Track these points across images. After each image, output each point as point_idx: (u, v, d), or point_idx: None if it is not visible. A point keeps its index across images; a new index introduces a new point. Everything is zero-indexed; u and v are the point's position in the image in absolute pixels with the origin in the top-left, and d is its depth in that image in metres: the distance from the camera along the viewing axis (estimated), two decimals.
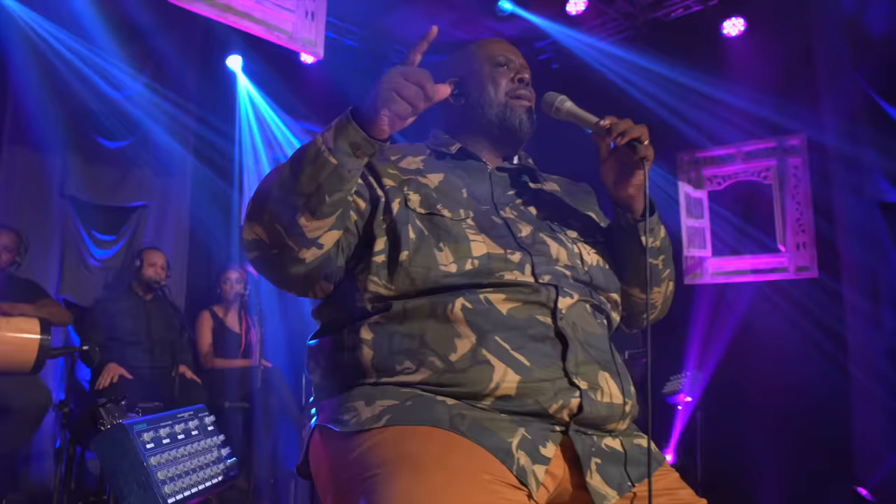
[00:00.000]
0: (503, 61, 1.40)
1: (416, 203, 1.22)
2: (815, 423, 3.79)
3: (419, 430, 1.04)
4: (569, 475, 1.15)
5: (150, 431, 1.26)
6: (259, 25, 3.05)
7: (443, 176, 1.29)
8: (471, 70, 1.40)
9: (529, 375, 1.11)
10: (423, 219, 1.21)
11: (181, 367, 3.74)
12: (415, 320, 1.14)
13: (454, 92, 1.38)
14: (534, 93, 1.42)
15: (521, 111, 1.38)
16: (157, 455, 1.19)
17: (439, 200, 1.23)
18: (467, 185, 1.30)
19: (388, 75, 1.05)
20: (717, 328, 4.33)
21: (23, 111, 3.92)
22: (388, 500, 0.92)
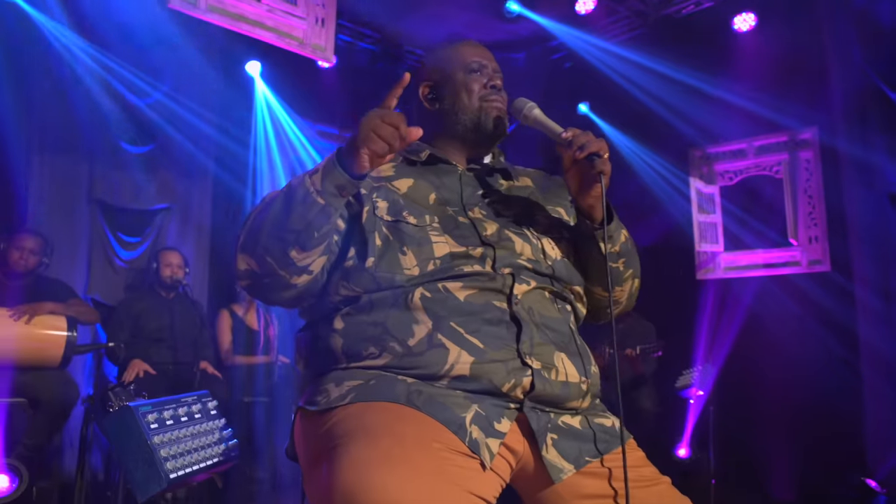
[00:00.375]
0: (476, 67, 1.45)
1: (384, 210, 1.30)
2: (826, 416, 3.79)
3: (378, 405, 1.13)
4: (529, 450, 1.23)
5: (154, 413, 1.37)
6: (271, 33, 3.17)
7: (412, 181, 1.37)
8: (445, 75, 1.46)
9: (482, 357, 1.19)
10: (389, 226, 1.29)
11: (202, 363, 3.87)
12: (379, 310, 1.23)
13: (429, 96, 1.46)
14: (506, 97, 1.47)
15: (493, 117, 1.44)
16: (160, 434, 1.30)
17: (406, 207, 1.31)
18: (437, 189, 1.37)
19: (367, 118, 1.15)
20: (729, 323, 4.34)
21: (51, 120, 4.12)
22: (343, 464, 1.01)
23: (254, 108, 4.82)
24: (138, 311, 3.87)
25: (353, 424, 1.10)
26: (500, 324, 1.23)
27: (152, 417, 1.34)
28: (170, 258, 3.97)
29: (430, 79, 1.48)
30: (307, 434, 1.21)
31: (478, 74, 1.45)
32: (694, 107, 4.63)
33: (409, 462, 1.03)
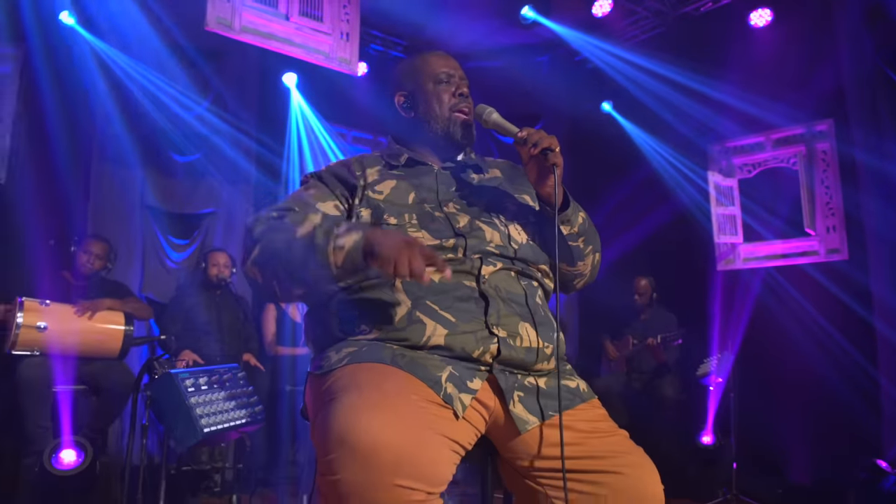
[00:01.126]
0: (444, 78, 1.65)
1: (367, 218, 1.53)
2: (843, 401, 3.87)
3: (368, 365, 1.37)
4: (500, 405, 1.45)
5: (191, 378, 1.64)
6: (299, 49, 3.46)
7: (394, 183, 1.59)
8: (417, 85, 1.66)
9: (455, 329, 1.41)
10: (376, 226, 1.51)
11: (246, 356, 4.18)
12: (367, 294, 1.47)
13: (404, 105, 1.68)
14: (472, 103, 1.68)
15: (461, 123, 1.64)
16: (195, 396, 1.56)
17: (386, 210, 1.53)
18: (416, 189, 1.59)
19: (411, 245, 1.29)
20: (749, 312, 4.44)
21: (107, 134, 4.52)
22: (337, 411, 1.25)
23: (290, 118, 5.14)
24: (188, 307, 4.20)
25: (347, 381, 1.34)
26: (469, 300, 1.45)
27: (189, 382, 1.61)
28: (217, 258, 4.31)
29: (404, 88, 1.68)
30: (313, 393, 1.46)
31: (446, 84, 1.64)
32: (712, 102, 4.76)
33: (391, 409, 1.26)
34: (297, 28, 3.41)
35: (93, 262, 3.90)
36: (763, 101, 4.53)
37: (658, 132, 5.08)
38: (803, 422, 4.05)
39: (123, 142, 4.55)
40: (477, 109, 1.63)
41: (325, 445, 1.22)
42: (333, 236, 1.34)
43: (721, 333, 4.47)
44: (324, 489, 1.23)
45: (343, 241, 1.33)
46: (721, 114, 4.71)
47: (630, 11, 5.11)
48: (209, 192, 4.92)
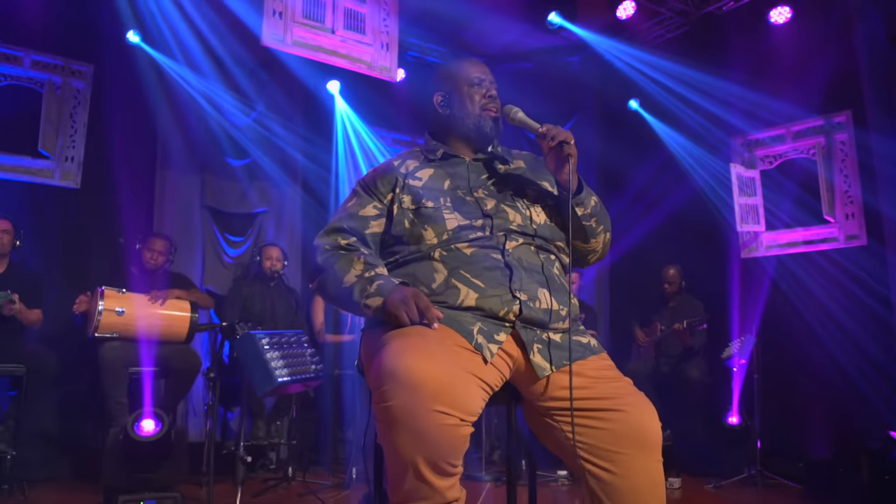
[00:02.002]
0: (477, 81, 1.93)
1: (408, 203, 1.84)
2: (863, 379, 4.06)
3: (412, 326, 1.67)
4: (521, 355, 1.75)
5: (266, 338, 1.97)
6: (344, 59, 3.80)
7: (431, 171, 1.90)
8: (453, 87, 1.94)
9: (484, 293, 1.72)
10: (412, 212, 1.83)
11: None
12: (410, 266, 1.79)
13: (441, 103, 1.98)
14: (499, 103, 1.97)
15: (490, 120, 1.94)
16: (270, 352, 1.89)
17: (424, 195, 1.84)
18: (450, 177, 1.89)
19: (411, 300, 1.64)
20: (772, 297, 4.64)
21: (170, 141, 4.95)
22: (386, 354, 1.55)
23: (334, 122, 5.51)
24: (245, 297, 4.60)
25: (395, 332, 1.64)
26: (495, 270, 1.74)
27: (265, 341, 1.94)
28: (271, 252, 4.69)
29: (442, 89, 1.96)
30: (367, 344, 1.78)
31: (478, 87, 1.93)
32: (734, 97, 4.97)
33: (431, 351, 1.56)
34: (342, 40, 3.75)
35: (156, 258, 4.31)
36: (783, 95, 4.73)
37: (682, 127, 5.30)
38: (823, 400, 4.24)
39: (183, 148, 4.98)
40: (504, 109, 1.93)
41: (379, 380, 1.53)
42: (364, 296, 1.70)
43: (744, 318, 4.67)
44: (379, 415, 1.54)
45: (370, 301, 1.69)
46: (742, 108, 4.92)
47: (654, 13, 5.34)
48: (261, 192, 5.32)
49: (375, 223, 1.86)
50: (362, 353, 1.84)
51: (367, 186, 1.92)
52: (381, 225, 1.86)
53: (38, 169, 4.57)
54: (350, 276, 1.74)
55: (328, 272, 1.79)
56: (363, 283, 1.71)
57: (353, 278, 1.73)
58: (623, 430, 1.69)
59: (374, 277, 1.72)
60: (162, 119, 4.93)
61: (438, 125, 2.00)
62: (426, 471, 1.51)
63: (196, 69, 4.90)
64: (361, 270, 1.74)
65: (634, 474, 1.68)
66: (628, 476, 1.68)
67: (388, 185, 1.89)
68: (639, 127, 5.69)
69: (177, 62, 4.83)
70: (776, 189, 4.80)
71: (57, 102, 4.65)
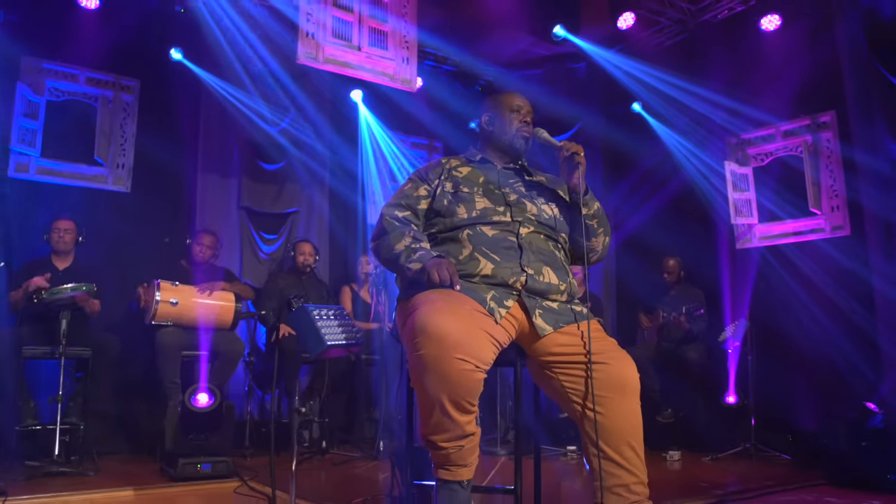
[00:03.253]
0: (516, 108, 2.43)
1: (449, 187, 2.33)
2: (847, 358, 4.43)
3: (438, 289, 2.11)
4: (525, 319, 2.17)
5: (316, 310, 2.40)
6: (368, 73, 4.25)
7: (470, 168, 2.39)
8: (497, 112, 2.45)
9: (498, 265, 2.16)
10: (451, 195, 2.30)
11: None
12: (446, 244, 2.24)
13: (486, 122, 2.46)
14: (532, 127, 2.44)
15: (522, 139, 2.42)
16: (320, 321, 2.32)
17: (461, 183, 2.33)
18: (485, 174, 2.38)
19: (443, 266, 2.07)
20: (765, 284, 5.02)
21: (209, 148, 5.43)
22: (416, 316, 1.97)
23: (358, 128, 5.96)
24: (280, 288, 5.05)
25: (424, 298, 2.07)
26: (510, 249, 2.19)
27: (315, 312, 2.37)
28: (303, 248, 5.15)
29: (488, 112, 2.48)
30: (401, 311, 2.22)
31: (517, 113, 2.43)
32: (729, 99, 5.36)
33: (453, 312, 1.99)
34: (367, 56, 4.20)
35: (204, 252, 4.78)
36: (773, 97, 5.11)
37: (679, 128, 5.69)
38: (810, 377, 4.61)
39: (222, 154, 5.46)
40: (534, 130, 2.40)
41: (413, 334, 1.97)
42: (409, 261, 2.18)
43: (738, 304, 5.05)
44: (412, 362, 1.98)
45: (412, 265, 2.16)
46: (735, 109, 5.30)
47: (653, 21, 5.74)
48: (292, 194, 5.80)
49: (424, 201, 2.36)
50: (396, 318, 2.28)
51: (420, 175, 2.44)
52: (428, 203, 2.36)
53: (93, 175, 5.07)
54: (400, 245, 2.22)
55: (385, 238, 2.28)
56: (409, 251, 2.19)
57: (402, 247, 2.21)
58: (607, 378, 2.12)
59: (417, 248, 2.19)
60: (202, 127, 5.41)
61: (483, 138, 2.50)
62: (449, 407, 1.94)
63: (232, 82, 5.38)
64: (409, 242, 2.22)
65: (617, 414, 2.11)
66: (612, 416, 2.10)
67: (436, 174, 2.40)
68: (640, 128, 6.08)
69: (215, 76, 5.31)
70: (768, 184, 5.18)
71: (109, 115, 5.14)
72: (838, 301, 4.59)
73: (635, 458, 2.10)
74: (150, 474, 3.82)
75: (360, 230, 5.79)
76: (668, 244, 5.54)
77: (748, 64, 5.25)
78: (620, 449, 2.08)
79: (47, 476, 3.63)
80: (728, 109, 5.34)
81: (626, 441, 2.09)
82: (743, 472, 4.24)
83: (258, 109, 5.49)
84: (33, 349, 4.06)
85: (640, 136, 5.98)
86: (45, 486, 3.39)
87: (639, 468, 2.10)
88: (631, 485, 2.08)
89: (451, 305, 2.02)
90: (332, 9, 4.06)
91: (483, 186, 2.33)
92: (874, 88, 4.49)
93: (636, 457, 2.10)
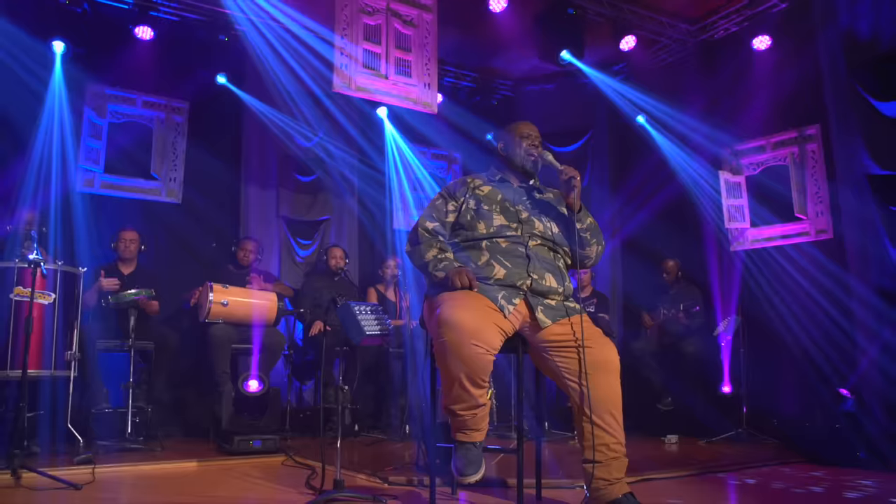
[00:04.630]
0: (526, 135, 2.95)
1: (472, 204, 2.85)
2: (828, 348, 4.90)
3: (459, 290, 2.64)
4: (529, 314, 2.71)
5: (357, 307, 2.96)
6: (395, 98, 4.80)
7: (490, 188, 2.91)
8: (510, 138, 2.97)
9: (510, 271, 2.69)
10: (473, 211, 2.83)
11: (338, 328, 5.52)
12: (467, 250, 2.78)
13: (501, 147, 2.99)
14: (539, 151, 2.94)
15: (532, 162, 2.93)
16: (360, 315, 2.88)
17: (483, 202, 2.85)
18: (503, 192, 2.89)
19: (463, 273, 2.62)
20: (755, 283, 5.49)
21: (252, 161, 6.03)
22: (442, 309, 2.52)
23: (385, 141, 6.54)
24: (315, 289, 5.63)
25: (446, 296, 2.61)
26: (519, 258, 2.72)
27: (356, 308, 2.93)
28: (335, 252, 5.73)
29: (503, 140, 3.00)
30: (428, 306, 2.76)
31: (527, 139, 2.95)
32: (724, 112, 5.84)
33: (469, 308, 2.52)
34: (393, 84, 4.75)
35: (248, 256, 5.38)
36: (764, 111, 5.57)
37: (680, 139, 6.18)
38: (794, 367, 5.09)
39: (262, 168, 6.06)
40: (542, 153, 2.92)
41: (437, 325, 2.51)
42: (436, 269, 2.73)
43: (734, 300, 5.53)
44: (437, 347, 2.53)
45: (438, 273, 2.71)
46: (730, 122, 5.78)
47: (653, 41, 6.23)
48: (325, 203, 6.39)
49: (451, 215, 2.89)
50: (424, 311, 2.82)
51: (449, 191, 2.96)
52: (455, 216, 2.89)
53: (149, 188, 5.69)
54: (429, 254, 2.78)
55: (418, 247, 2.84)
56: (436, 261, 2.75)
57: (431, 256, 2.77)
58: (592, 360, 2.64)
59: (443, 259, 2.75)
60: (244, 144, 6.01)
61: (499, 162, 3.02)
62: (466, 383, 2.49)
63: (271, 102, 5.97)
64: (437, 253, 2.77)
65: (600, 388, 2.63)
66: (596, 389, 2.62)
67: (461, 192, 2.93)
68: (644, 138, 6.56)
69: (255, 97, 5.91)
70: (759, 192, 5.65)
71: (162, 134, 5.76)
72: (820, 299, 5.05)
73: (615, 424, 2.62)
74: (208, 450, 4.42)
75: (388, 236, 6.37)
76: (668, 246, 6.03)
77: (742, 80, 5.72)
78: (603, 416, 2.60)
79: (122, 451, 4.23)
80: (722, 122, 5.81)
81: (607, 410, 2.61)
82: (732, 453, 4.71)
83: (294, 126, 6.07)
84: (106, 342, 4.67)
85: (644, 145, 6.47)
86: (123, 459, 3.99)
87: (618, 432, 2.62)
88: (611, 444, 2.60)
89: (468, 303, 2.56)
90: (363, 43, 4.62)
91: (500, 204, 2.85)
92: (852, 105, 4.94)
93: (616, 422, 2.62)
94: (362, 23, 4.65)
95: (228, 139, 5.96)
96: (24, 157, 4.99)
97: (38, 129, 5.09)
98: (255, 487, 3.37)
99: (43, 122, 5.10)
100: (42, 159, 5.05)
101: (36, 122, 5.11)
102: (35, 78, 5.11)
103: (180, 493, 3.21)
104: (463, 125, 6.91)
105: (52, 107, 5.17)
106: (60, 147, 5.20)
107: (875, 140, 4.78)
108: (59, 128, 5.19)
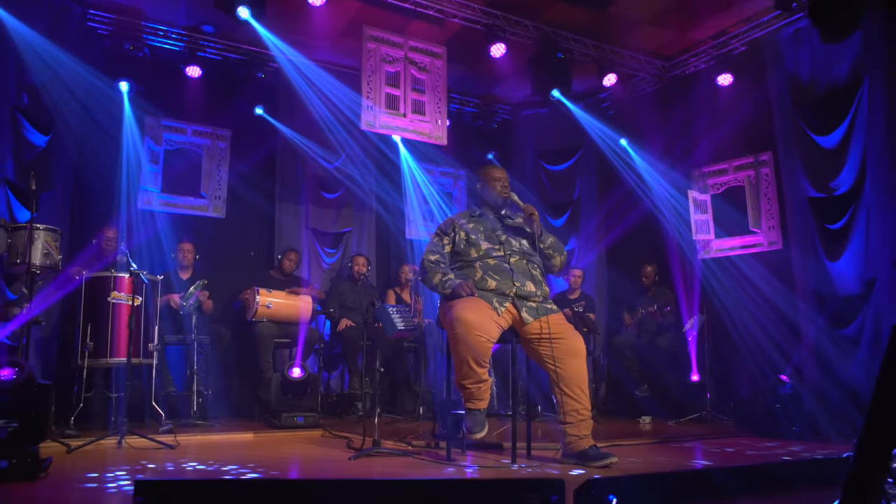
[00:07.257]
0: (497, 178, 3.90)
1: (462, 236, 3.80)
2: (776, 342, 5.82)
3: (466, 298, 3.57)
4: (517, 313, 3.64)
5: (391, 308, 3.92)
6: (411, 133, 5.75)
7: (474, 223, 3.84)
8: (485, 182, 3.92)
9: (499, 282, 3.63)
10: (464, 240, 3.77)
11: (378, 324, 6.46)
12: (465, 269, 3.71)
13: (479, 188, 3.92)
14: (508, 190, 3.88)
15: (502, 199, 3.86)
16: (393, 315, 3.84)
17: (470, 232, 3.80)
18: (483, 225, 3.83)
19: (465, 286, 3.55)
20: (718, 287, 6.42)
21: (285, 181, 6.98)
22: (453, 311, 3.45)
23: (400, 162, 7.47)
24: (341, 292, 6.57)
25: (456, 302, 3.53)
26: (505, 271, 3.65)
27: (390, 309, 3.89)
28: (359, 260, 6.67)
29: (480, 181, 3.94)
30: (442, 308, 3.69)
31: (498, 181, 3.88)
32: (693, 139, 6.77)
33: (473, 309, 3.45)
34: (410, 121, 5.69)
35: (290, 265, 6.32)
36: (726, 138, 6.50)
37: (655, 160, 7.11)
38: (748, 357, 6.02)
39: (293, 186, 7.00)
40: (509, 194, 3.84)
41: (451, 322, 3.45)
42: (443, 288, 3.63)
43: (699, 302, 6.46)
44: (450, 338, 3.47)
45: (446, 291, 3.62)
46: (698, 147, 6.71)
47: (631, 76, 7.17)
48: (347, 217, 7.33)
49: (447, 247, 3.82)
50: (440, 312, 3.76)
51: (443, 230, 3.89)
52: (450, 248, 3.81)
53: (198, 205, 6.63)
54: (436, 279, 3.70)
55: (427, 275, 3.75)
56: (443, 282, 3.66)
57: (437, 280, 3.69)
58: (565, 348, 3.58)
59: (447, 280, 3.66)
60: (278, 166, 6.96)
61: (478, 200, 3.95)
62: (472, 363, 3.43)
63: (301, 129, 6.90)
64: (441, 277, 3.68)
65: (570, 369, 3.57)
66: (567, 369, 3.56)
67: (451, 230, 3.86)
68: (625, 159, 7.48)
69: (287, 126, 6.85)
70: (721, 208, 6.58)
71: (209, 158, 6.70)
72: (772, 299, 5.97)
73: (582, 395, 3.56)
74: (258, 426, 5.36)
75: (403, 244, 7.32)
76: (645, 253, 6.98)
77: (708, 111, 6.65)
78: (573, 389, 3.55)
79: (187, 427, 5.16)
80: (691, 147, 6.74)
81: (577, 384, 3.56)
82: (695, 430, 5.63)
83: (321, 150, 7.00)
84: (171, 337, 5.62)
85: (626, 164, 7.39)
86: (192, 431, 4.93)
87: (584, 400, 3.56)
88: (580, 409, 3.54)
89: (472, 305, 3.50)
90: (385, 87, 5.57)
91: (484, 233, 3.78)
92: (796, 136, 5.86)
93: (583, 394, 3.56)
94: (384, 70, 5.59)
95: (264, 162, 6.91)
96: (102, 181, 5.92)
97: (118, 157, 6.02)
98: (308, 450, 4.31)
99: (123, 153, 6.03)
100: (115, 182, 5.98)
101: (107, 151, 6.04)
102: (106, 114, 6.04)
103: (253, 452, 4.15)
104: (467, 146, 7.85)
105: (126, 139, 6.11)
106: (126, 172, 6.14)
107: (814, 168, 5.70)
108: (129, 156, 6.13)
